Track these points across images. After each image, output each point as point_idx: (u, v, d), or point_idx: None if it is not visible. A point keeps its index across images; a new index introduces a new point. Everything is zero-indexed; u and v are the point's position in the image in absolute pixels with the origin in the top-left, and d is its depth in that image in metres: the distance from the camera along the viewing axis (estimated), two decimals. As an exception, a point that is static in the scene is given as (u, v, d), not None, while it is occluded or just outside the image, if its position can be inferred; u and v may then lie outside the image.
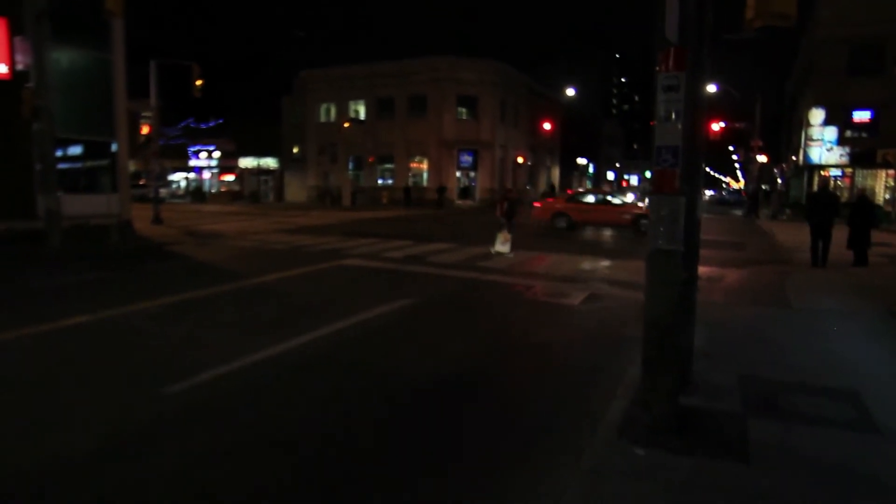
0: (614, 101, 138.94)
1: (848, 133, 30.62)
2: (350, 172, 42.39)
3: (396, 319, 7.42)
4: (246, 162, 48.20)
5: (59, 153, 14.43)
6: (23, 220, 14.49)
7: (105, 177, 17.25)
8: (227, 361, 5.42)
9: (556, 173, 58.21)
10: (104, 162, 17.21)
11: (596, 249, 15.40)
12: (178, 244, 15.29)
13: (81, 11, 14.90)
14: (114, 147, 17.19)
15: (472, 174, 41.67)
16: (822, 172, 31.37)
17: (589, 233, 20.63)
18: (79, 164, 17.01)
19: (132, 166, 30.13)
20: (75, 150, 16.68)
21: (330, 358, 5.79)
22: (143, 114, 28.70)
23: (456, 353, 6.03)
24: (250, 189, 47.33)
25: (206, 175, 50.86)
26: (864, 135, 30.25)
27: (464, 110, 41.09)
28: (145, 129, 25.68)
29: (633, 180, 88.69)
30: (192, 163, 50.38)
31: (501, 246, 13.23)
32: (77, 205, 15.36)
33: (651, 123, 3.89)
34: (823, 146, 30.95)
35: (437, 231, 19.57)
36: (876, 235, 12.52)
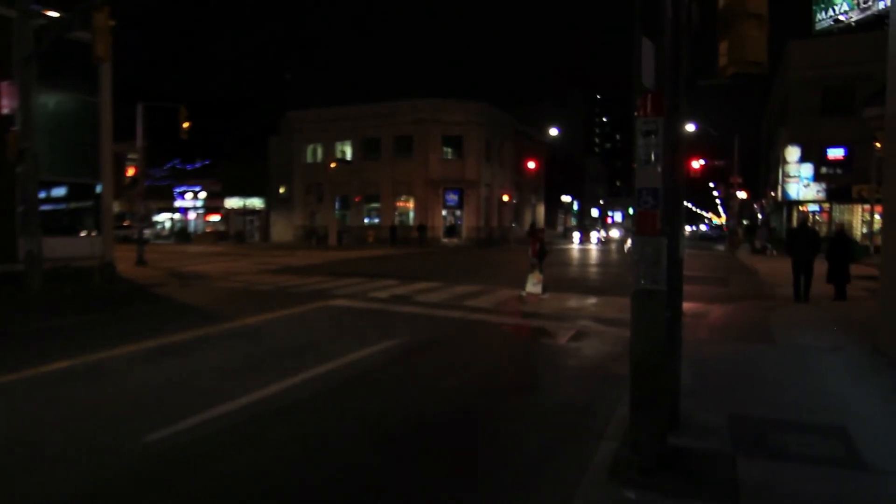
0: (597, 140, 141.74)
1: (823, 170, 31.46)
2: (336, 212, 42.57)
3: (382, 361, 7.34)
4: (232, 202, 48.24)
5: (42, 195, 14.35)
6: (2, 263, 14.29)
7: (89, 218, 17.16)
8: (210, 406, 5.31)
9: (541, 211, 58.86)
10: (88, 203, 17.14)
11: (583, 286, 15.46)
12: (161, 286, 15.12)
13: (69, 55, 15.07)
14: (98, 188, 17.16)
15: (457, 213, 42.02)
16: (801, 208, 32.05)
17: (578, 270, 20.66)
18: (62, 206, 16.92)
19: (117, 207, 30.02)
20: (59, 191, 16.63)
21: (315, 402, 5.69)
22: (130, 156, 28.78)
23: (442, 395, 5.96)
24: (236, 229, 47.24)
25: (192, 215, 50.76)
26: (839, 171, 31.09)
27: (449, 150, 41.73)
28: (131, 171, 25.67)
29: (617, 216, 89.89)
30: (178, 203, 50.33)
31: (533, 287, 12.82)
32: (59, 247, 15.21)
33: (633, 165, 3.98)
34: (800, 182, 31.72)
35: (424, 270, 19.58)
36: (855, 269, 12.74)
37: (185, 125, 20.33)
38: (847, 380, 6.29)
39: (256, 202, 47.74)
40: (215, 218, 49.26)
